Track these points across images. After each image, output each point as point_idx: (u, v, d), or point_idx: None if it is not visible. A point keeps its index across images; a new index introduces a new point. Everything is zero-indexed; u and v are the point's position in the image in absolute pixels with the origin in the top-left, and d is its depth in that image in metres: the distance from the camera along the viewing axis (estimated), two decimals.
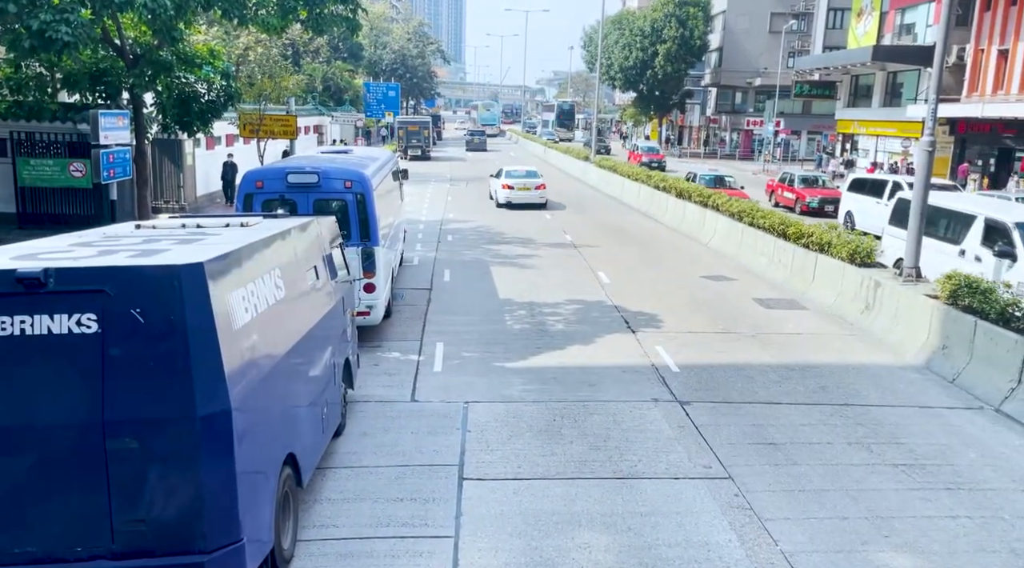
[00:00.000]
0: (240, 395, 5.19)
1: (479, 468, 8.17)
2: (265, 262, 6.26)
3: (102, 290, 4.88)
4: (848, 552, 6.75)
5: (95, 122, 16.11)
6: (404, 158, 49.16)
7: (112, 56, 18.58)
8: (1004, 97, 31.66)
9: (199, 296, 4.98)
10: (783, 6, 61.82)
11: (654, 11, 62.60)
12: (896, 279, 13.34)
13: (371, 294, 11.87)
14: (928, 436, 9.20)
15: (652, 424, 9.40)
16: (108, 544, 4.95)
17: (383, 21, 79.43)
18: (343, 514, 7.20)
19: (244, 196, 11.65)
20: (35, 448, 4.86)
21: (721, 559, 6.61)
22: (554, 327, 13.52)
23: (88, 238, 6.36)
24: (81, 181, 19.27)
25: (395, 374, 10.97)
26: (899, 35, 41.12)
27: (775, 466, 8.34)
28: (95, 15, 15.60)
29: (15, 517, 4.87)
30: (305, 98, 42.16)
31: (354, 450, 8.52)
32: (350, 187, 11.75)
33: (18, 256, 5.33)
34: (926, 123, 13.40)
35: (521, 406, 9.89)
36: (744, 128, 64.00)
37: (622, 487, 7.82)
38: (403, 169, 19.14)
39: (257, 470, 5.54)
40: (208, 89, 20.35)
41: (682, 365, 11.54)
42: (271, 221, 7.77)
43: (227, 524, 5.11)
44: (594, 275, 17.76)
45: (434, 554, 6.60)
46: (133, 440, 4.88)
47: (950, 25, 15.34)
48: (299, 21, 18.80)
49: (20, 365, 4.83)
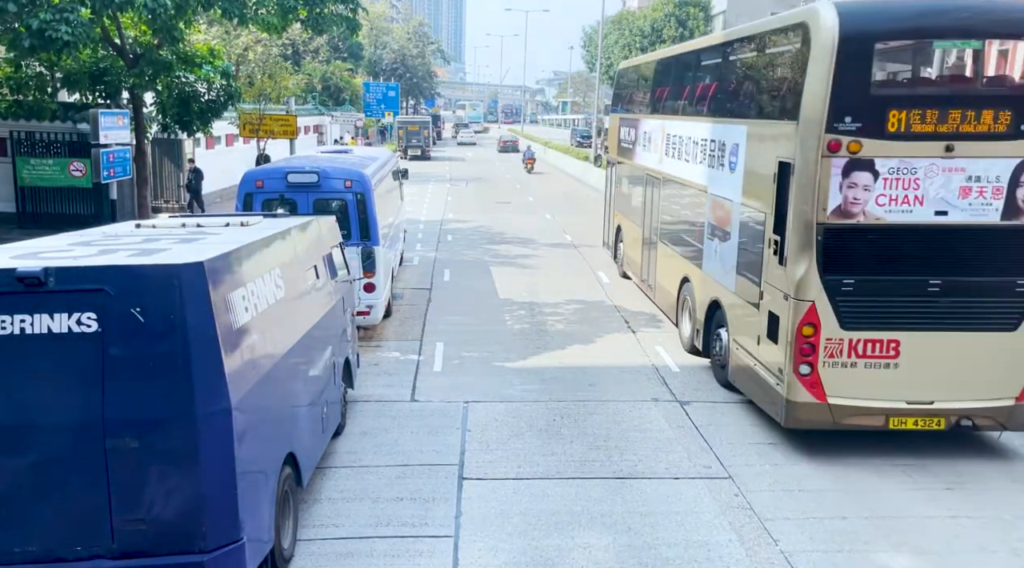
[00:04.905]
0: (240, 394, 5.19)
1: (479, 468, 8.17)
2: (265, 262, 6.26)
3: (102, 289, 4.88)
4: (848, 552, 6.75)
5: (95, 122, 16.11)
6: (404, 158, 49.16)
7: (112, 56, 18.56)
8: None
9: (199, 295, 4.97)
10: (783, 6, 61.42)
11: (654, 11, 62.60)
12: None
13: (371, 294, 11.87)
14: (927, 435, 9.19)
15: (652, 424, 9.40)
16: (108, 543, 4.95)
17: (383, 21, 79.43)
18: (343, 514, 7.20)
19: (244, 196, 11.66)
20: (35, 447, 4.85)
21: (721, 559, 6.61)
22: (554, 327, 13.52)
23: (88, 237, 6.36)
24: (81, 181, 19.27)
25: (395, 374, 10.98)
26: None
27: (775, 466, 8.34)
28: (95, 14, 15.59)
29: (15, 516, 4.87)
30: (305, 98, 42.16)
31: (354, 450, 8.52)
32: (350, 187, 11.76)
33: (18, 255, 5.33)
34: None
35: (521, 406, 9.90)
36: None
37: (622, 487, 7.82)
38: (403, 169, 19.14)
39: (257, 469, 5.54)
40: (208, 89, 20.33)
41: (682, 365, 11.54)
42: (271, 221, 7.78)
43: (227, 523, 5.10)
44: (594, 275, 17.76)
45: (434, 554, 6.60)
46: (133, 439, 4.88)
47: None
48: (299, 21, 18.78)
49: (20, 364, 4.83)
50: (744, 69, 10.55)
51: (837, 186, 8.08)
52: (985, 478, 8.18)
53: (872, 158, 8.02)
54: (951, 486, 7.98)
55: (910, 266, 8.32)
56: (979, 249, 8.29)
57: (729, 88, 10.92)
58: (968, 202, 8.17)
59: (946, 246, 8.31)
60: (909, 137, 8.01)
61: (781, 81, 9.05)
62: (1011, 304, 8.32)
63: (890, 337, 8.35)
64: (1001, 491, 7.91)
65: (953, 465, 8.45)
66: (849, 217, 8.15)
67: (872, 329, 8.32)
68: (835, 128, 7.95)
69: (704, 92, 11.88)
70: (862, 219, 8.16)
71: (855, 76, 7.97)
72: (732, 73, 10.92)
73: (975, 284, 8.30)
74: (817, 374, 8.36)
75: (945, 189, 8.12)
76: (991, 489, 7.94)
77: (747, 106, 10.11)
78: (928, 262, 8.32)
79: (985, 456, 8.72)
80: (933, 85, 9.00)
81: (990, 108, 8.08)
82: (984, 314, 8.35)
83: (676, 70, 13.67)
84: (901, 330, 8.33)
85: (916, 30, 8.46)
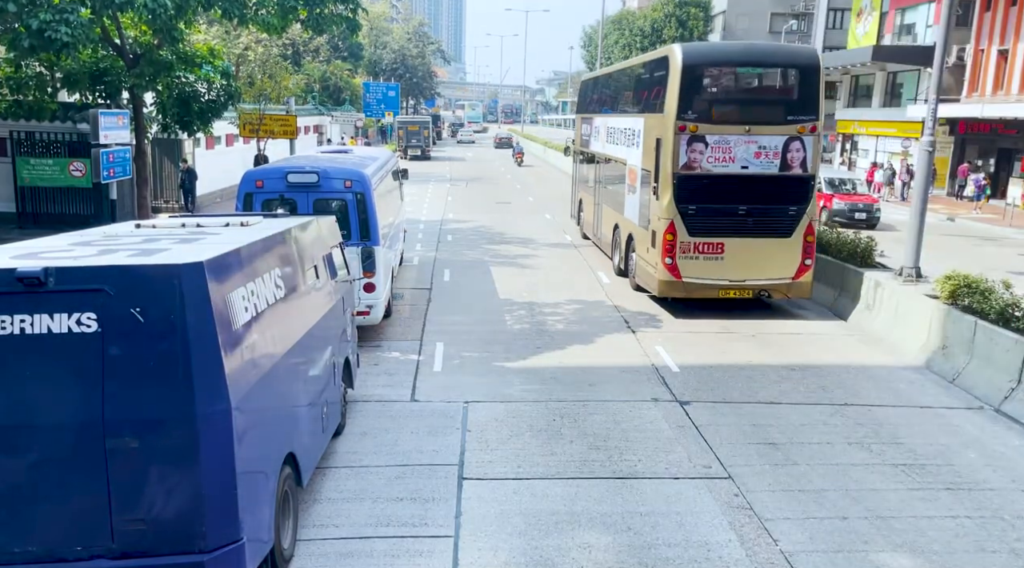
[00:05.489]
0: (240, 394, 5.19)
1: (479, 468, 8.17)
2: (265, 262, 6.26)
3: (102, 289, 4.88)
4: (848, 552, 6.75)
5: (95, 122, 16.11)
6: (404, 158, 49.16)
7: (112, 56, 18.57)
8: (1004, 97, 31.66)
9: (199, 295, 4.97)
10: (783, 6, 61.82)
11: (654, 11, 62.60)
12: (896, 279, 13.34)
13: (371, 294, 11.87)
14: (928, 436, 9.20)
15: (652, 424, 9.40)
16: (108, 543, 4.95)
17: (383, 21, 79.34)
18: (343, 514, 7.20)
19: (244, 196, 11.65)
20: (35, 448, 4.85)
21: (721, 559, 6.61)
22: (554, 327, 13.52)
23: (88, 237, 6.35)
24: (81, 181, 19.28)
25: (395, 374, 10.97)
26: (899, 35, 41.14)
27: (775, 466, 8.34)
28: (95, 15, 15.59)
29: (15, 516, 4.87)
30: (305, 98, 42.14)
31: (354, 450, 8.52)
32: (350, 187, 11.76)
33: (18, 255, 5.32)
34: (926, 123, 13.40)
35: (521, 406, 9.89)
36: None
37: (622, 487, 7.82)
38: (403, 169, 19.13)
39: (257, 469, 5.54)
40: (208, 88, 20.34)
41: (682, 365, 11.54)
42: (271, 221, 7.77)
43: (227, 523, 5.10)
44: (594, 275, 17.76)
45: (434, 554, 6.60)
46: (133, 439, 4.87)
47: (950, 25, 15.33)
48: (299, 21, 18.78)
49: (20, 364, 4.83)
50: (640, 82, 16.34)
51: (684, 151, 13.52)
52: (985, 478, 8.18)
53: (704, 135, 13.47)
54: (951, 486, 7.98)
55: (727, 198, 13.70)
56: (767, 188, 13.72)
57: (634, 94, 16.83)
58: (760, 161, 13.65)
59: (748, 187, 13.69)
60: (725, 122, 13.52)
61: (658, 90, 14.32)
62: (787, 221, 13.85)
63: (717, 241, 13.82)
64: (1001, 491, 7.91)
65: (953, 465, 8.46)
66: (691, 169, 13.60)
67: (706, 236, 13.78)
68: (683, 117, 13.41)
69: (623, 97, 18.09)
70: (699, 170, 13.59)
71: (693, 87, 13.53)
72: (635, 85, 16.86)
73: (765, 209, 13.78)
74: (676, 263, 13.83)
75: (746, 153, 13.61)
76: (991, 489, 7.94)
77: (642, 105, 15.84)
78: (738, 196, 13.70)
79: (984, 457, 8.72)
80: (737, 93, 14.58)
81: (769, 106, 14.11)
82: (771, 227, 13.83)
83: (610, 83, 20.06)
84: (724, 236, 13.80)
85: (727, 62, 14.41)
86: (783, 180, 13.67)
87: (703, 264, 13.75)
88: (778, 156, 13.54)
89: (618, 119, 17.87)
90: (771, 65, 14.53)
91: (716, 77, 14.18)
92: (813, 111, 13.67)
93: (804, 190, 13.79)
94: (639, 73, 16.48)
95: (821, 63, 14.08)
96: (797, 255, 13.85)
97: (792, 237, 13.77)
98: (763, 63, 14.58)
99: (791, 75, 14.09)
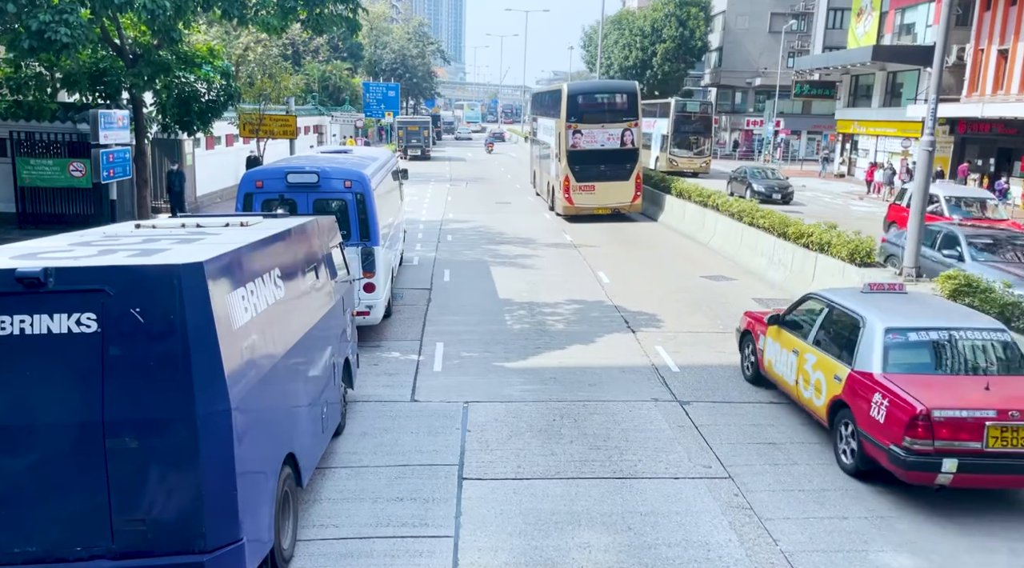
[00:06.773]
0: (240, 394, 5.19)
1: (479, 468, 8.17)
2: (265, 262, 6.26)
3: (102, 289, 4.88)
4: (848, 552, 6.75)
5: (95, 122, 16.10)
6: (404, 158, 49.15)
7: (112, 56, 18.56)
8: (1004, 97, 31.66)
9: (198, 295, 4.97)
10: (783, 6, 61.78)
11: (654, 11, 62.53)
12: (896, 279, 13.34)
13: (371, 294, 11.87)
14: None
15: (652, 424, 9.40)
16: (108, 543, 4.95)
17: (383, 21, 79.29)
18: (343, 514, 7.20)
19: (244, 196, 11.64)
20: (35, 448, 4.85)
21: (721, 559, 6.61)
22: (554, 327, 13.52)
23: (88, 238, 6.35)
24: (81, 181, 19.26)
25: (395, 374, 10.97)
26: (899, 35, 41.13)
27: (775, 466, 8.35)
28: (94, 15, 15.59)
29: (15, 516, 4.87)
30: (305, 98, 42.12)
31: (354, 450, 8.52)
32: (350, 187, 11.75)
33: (18, 255, 5.32)
34: (926, 123, 13.40)
35: (521, 406, 9.90)
36: (744, 128, 64.00)
37: (622, 487, 7.82)
38: (403, 169, 19.13)
39: (257, 470, 5.53)
40: (208, 89, 20.32)
41: (682, 365, 11.54)
42: (271, 221, 7.77)
43: (227, 524, 5.10)
44: (594, 275, 17.76)
45: (434, 554, 6.60)
46: (133, 439, 4.88)
47: (950, 25, 15.33)
48: (299, 21, 18.77)
49: (20, 365, 4.83)
50: (553, 100, 28.57)
51: (570, 137, 25.99)
52: None
53: (581, 129, 26.04)
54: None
55: (594, 161, 25.95)
56: (614, 157, 26.13)
57: (551, 107, 28.70)
58: (610, 142, 26.21)
59: (604, 155, 26.05)
60: (591, 122, 26.15)
61: (557, 106, 26.97)
62: (625, 171, 26.28)
63: (591, 184, 26.06)
64: (1001, 492, 7.91)
65: None
66: (575, 147, 26.03)
67: (585, 181, 26.00)
68: (569, 120, 26.00)
69: (547, 107, 30.51)
70: (580, 148, 26.04)
71: (573, 104, 26.16)
72: (551, 101, 29.35)
73: (615, 167, 26.16)
74: (571, 196, 26.10)
75: (602, 138, 26.18)
76: (991, 489, 7.93)
77: (553, 112, 28.12)
78: (600, 160, 26.01)
79: None
80: (596, 106, 26.53)
81: (613, 113, 26.57)
82: (618, 174, 26.20)
83: (544, 98, 33.20)
84: (594, 181, 26.04)
85: (590, 90, 27.71)
86: (622, 151, 26.24)
87: (585, 196, 26.10)
88: (619, 139, 26.27)
89: (545, 120, 30.51)
90: (612, 92, 27.40)
91: (585, 98, 26.57)
92: (635, 115, 26.54)
93: (633, 155, 26.26)
94: (552, 94, 29.47)
95: (638, 89, 27.43)
96: (632, 189, 26.34)
97: (629, 180, 26.26)
98: (608, 91, 27.65)
99: (622, 96, 26.86)
